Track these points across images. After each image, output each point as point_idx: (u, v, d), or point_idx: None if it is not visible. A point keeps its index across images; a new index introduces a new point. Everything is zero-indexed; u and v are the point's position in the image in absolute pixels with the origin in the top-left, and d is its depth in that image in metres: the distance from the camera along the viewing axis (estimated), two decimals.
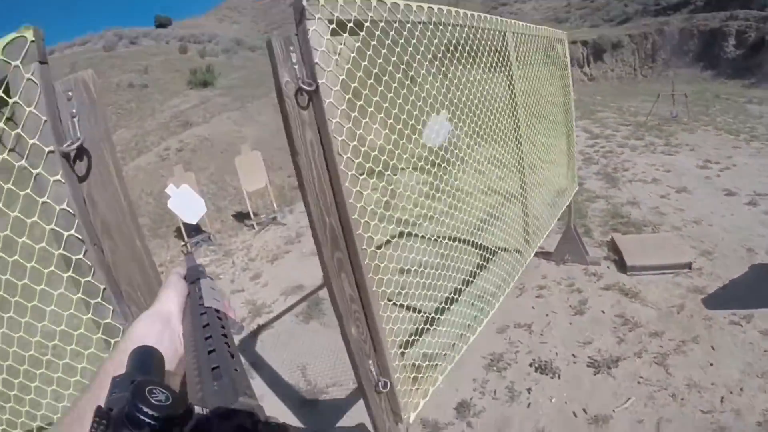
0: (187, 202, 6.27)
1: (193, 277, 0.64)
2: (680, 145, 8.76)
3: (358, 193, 1.25)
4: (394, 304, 1.44)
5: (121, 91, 17.22)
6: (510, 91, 2.65)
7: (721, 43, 22.05)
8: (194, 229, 7.15)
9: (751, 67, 19.83)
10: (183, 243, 7.15)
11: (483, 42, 2.09)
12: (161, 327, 0.53)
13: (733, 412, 2.83)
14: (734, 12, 23.21)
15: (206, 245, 6.92)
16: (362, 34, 1.22)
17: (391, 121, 1.40)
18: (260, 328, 4.44)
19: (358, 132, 1.25)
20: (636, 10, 32.15)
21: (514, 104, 2.68)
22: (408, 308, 1.60)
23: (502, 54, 2.39)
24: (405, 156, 1.55)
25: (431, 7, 1.53)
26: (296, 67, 1.12)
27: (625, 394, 3.00)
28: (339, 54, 1.17)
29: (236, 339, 0.56)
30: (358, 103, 1.25)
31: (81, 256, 0.95)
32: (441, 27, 1.63)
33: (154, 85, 18.05)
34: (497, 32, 2.27)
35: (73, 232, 0.93)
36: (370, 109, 1.30)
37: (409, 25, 1.39)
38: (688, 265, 4.32)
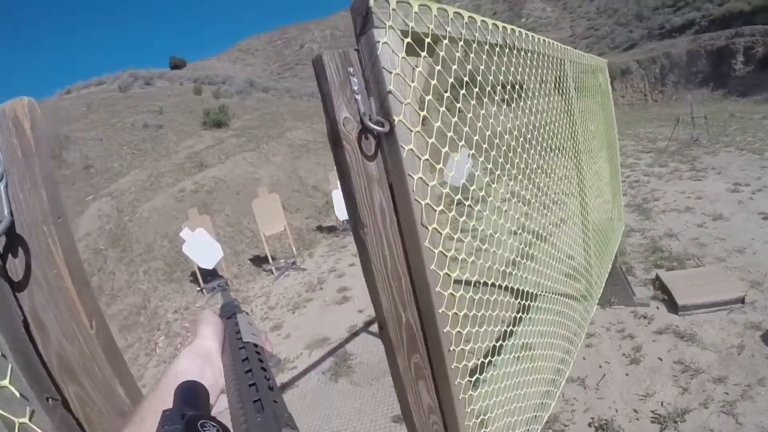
0: (203, 247, 6.18)
1: (230, 312, 0.66)
2: (706, 169, 8.49)
3: (446, 277, 0.95)
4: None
5: (136, 131, 17.34)
6: (571, 124, 2.44)
7: (730, 61, 22.06)
8: (210, 274, 6.92)
9: (761, 82, 19.67)
10: (198, 288, 6.93)
11: (545, 70, 1.92)
12: (202, 362, 0.54)
13: None
14: (740, 29, 23.30)
15: (221, 291, 6.61)
16: (442, 54, 0.95)
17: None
18: (284, 387, 4.13)
19: (444, 191, 0.98)
20: (641, 35, 32.54)
21: (575, 137, 2.48)
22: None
23: (563, 83, 2.21)
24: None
25: (505, 27, 1.30)
26: (358, 97, 0.81)
27: None
28: (415, 80, 0.87)
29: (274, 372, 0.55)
30: (443, 150, 0.97)
31: (26, 419, 0.57)
32: (514, 51, 1.41)
33: (169, 126, 18.19)
34: (557, 59, 2.07)
35: (6, 383, 0.57)
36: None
37: (487, 46, 1.16)
38: (741, 300, 3.99)
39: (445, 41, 0.95)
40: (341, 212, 7.79)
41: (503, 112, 1.54)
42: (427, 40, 0.89)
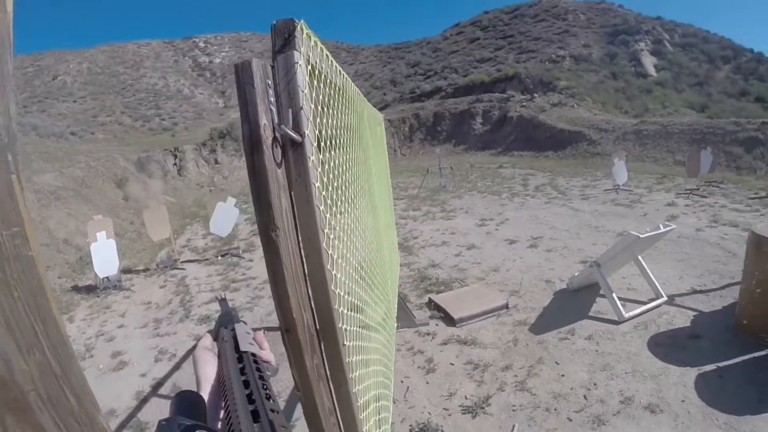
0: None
1: (228, 321, 0.66)
2: (455, 209, 10.26)
3: (337, 277, 1.04)
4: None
5: None
6: (366, 166, 2.74)
7: (470, 121, 27.40)
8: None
9: (496, 139, 25.14)
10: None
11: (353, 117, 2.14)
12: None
13: (598, 402, 3.40)
14: (480, 96, 29.24)
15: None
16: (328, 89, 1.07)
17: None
18: None
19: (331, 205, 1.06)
20: (394, 98, 37.55)
21: (370, 178, 2.77)
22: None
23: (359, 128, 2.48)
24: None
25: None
26: (273, 108, 0.86)
27: (508, 425, 3.24)
28: (312, 102, 0.98)
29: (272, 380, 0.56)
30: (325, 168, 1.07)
31: None
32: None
33: None
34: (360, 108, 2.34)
35: None
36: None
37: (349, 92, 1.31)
38: (506, 306, 4.99)
39: (330, 79, 1.10)
40: (101, 269, 6.77)
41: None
42: (322, 74, 1.02)
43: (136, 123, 34.57)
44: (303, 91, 0.89)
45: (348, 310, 1.19)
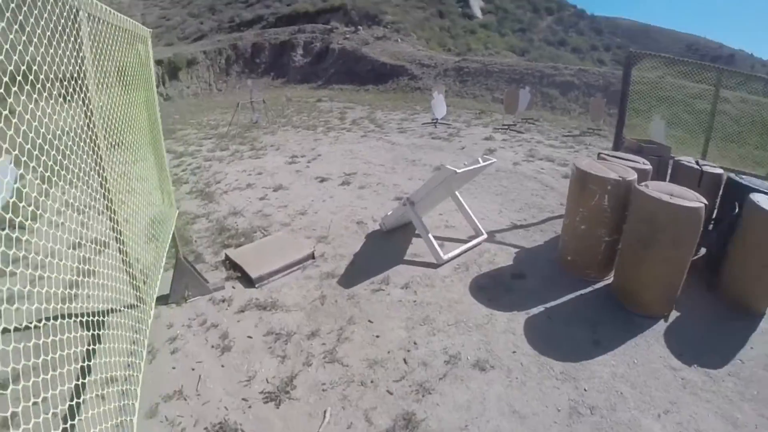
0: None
1: None
2: (265, 147, 9.14)
3: None
4: None
5: None
6: (87, 110, 1.95)
7: (290, 53, 25.56)
8: None
9: (317, 71, 23.85)
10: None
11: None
12: None
13: (421, 366, 2.94)
14: (302, 26, 27.39)
15: None
16: None
17: None
18: None
19: None
20: (211, 28, 33.48)
21: (92, 129, 1.98)
22: None
23: (76, 44, 1.75)
24: None
25: None
26: None
27: (319, 410, 2.62)
28: None
29: None
30: None
31: None
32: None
33: None
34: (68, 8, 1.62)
35: None
36: None
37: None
38: (311, 256, 4.31)
39: None
40: None
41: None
42: None
43: None
44: None
45: None
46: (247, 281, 3.94)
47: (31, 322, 1.50)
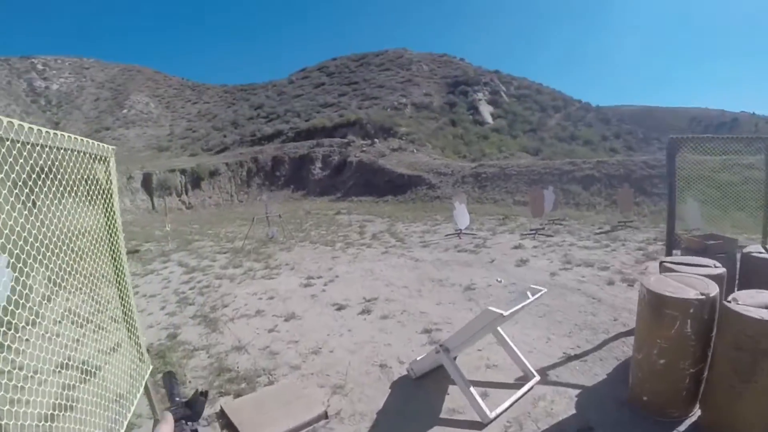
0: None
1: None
2: (280, 265, 8.56)
3: None
4: None
5: None
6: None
7: (309, 166, 26.35)
8: None
9: (336, 184, 24.27)
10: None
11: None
12: None
13: None
14: (320, 140, 28.61)
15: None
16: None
17: None
18: None
19: None
20: (234, 140, 35.39)
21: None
22: None
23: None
24: None
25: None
26: None
27: None
28: None
29: None
30: None
31: None
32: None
33: None
34: None
35: None
36: None
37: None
38: (324, 416, 3.41)
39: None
40: None
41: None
42: None
43: None
44: None
45: None
46: None
47: None
